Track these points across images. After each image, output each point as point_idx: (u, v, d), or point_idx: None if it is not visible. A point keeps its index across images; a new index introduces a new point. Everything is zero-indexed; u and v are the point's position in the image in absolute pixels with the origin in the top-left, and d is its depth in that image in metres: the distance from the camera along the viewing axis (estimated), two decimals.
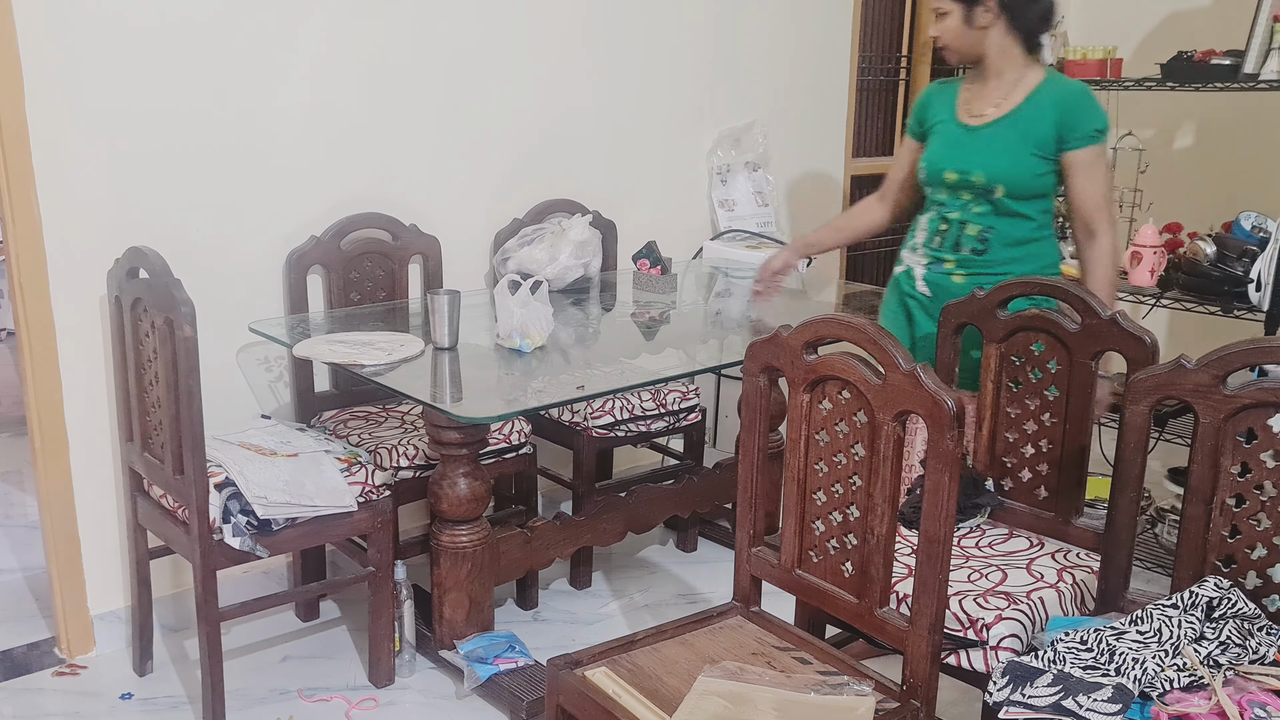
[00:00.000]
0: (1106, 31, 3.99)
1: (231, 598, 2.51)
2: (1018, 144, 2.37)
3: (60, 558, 2.60)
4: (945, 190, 2.47)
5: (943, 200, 2.49)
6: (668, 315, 3.03)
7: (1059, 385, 2.08)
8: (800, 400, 1.79)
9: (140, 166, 2.55)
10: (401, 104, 2.96)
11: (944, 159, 2.46)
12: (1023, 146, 2.36)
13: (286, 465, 2.31)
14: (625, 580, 3.11)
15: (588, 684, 1.71)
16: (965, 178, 2.42)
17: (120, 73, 2.48)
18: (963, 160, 2.42)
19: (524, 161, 3.26)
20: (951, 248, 2.46)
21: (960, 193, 2.44)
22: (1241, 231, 3.02)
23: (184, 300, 2.11)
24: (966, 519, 2.18)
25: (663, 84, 3.55)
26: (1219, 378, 1.65)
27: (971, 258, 2.44)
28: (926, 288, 2.51)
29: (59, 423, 2.53)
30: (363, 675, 2.59)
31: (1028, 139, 2.36)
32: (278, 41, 2.70)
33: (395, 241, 2.96)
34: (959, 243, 2.45)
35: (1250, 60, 3.06)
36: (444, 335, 2.51)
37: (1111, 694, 1.42)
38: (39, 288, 2.45)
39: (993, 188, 2.38)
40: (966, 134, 2.44)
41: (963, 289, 2.38)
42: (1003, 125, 2.39)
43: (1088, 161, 2.35)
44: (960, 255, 2.45)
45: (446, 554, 2.45)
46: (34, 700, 2.49)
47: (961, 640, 1.84)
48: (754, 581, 1.96)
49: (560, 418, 3.01)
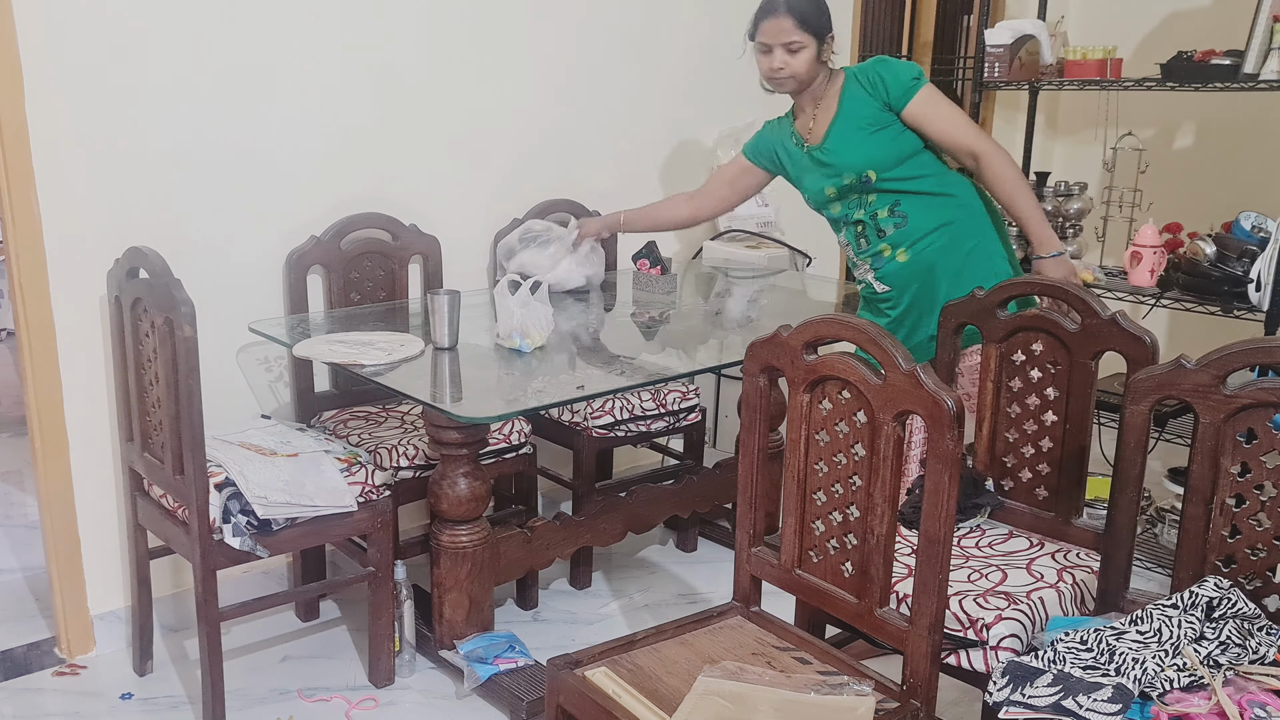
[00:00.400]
0: (1106, 31, 3.99)
1: (231, 598, 2.51)
2: (856, 132, 2.50)
3: (60, 558, 2.60)
4: (835, 204, 2.59)
5: (839, 214, 2.60)
6: (668, 315, 3.03)
7: (1059, 385, 2.08)
8: (800, 400, 1.79)
9: (140, 166, 2.55)
10: (402, 104, 2.96)
11: (815, 182, 2.59)
12: (860, 131, 2.49)
13: (286, 465, 2.31)
14: (625, 580, 3.11)
15: (588, 684, 1.71)
16: (840, 184, 2.54)
17: (120, 73, 2.48)
18: (828, 173, 2.55)
19: (524, 161, 3.26)
20: (876, 237, 2.55)
21: (847, 198, 2.56)
22: (1241, 231, 3.02)
23: (184, 300, 2.11)
24: (966, 519, 2.18)
25: (663, 84, 3.55)
26: (1219, 378, 1.65)
27: (899, 234, 2.53)
28: (882, 283, 2.59)
29: (59, 423, 2.53)
30: (363, 675, 2.59)
31: (860, 123, 2.49)
32: (278, 42, 2.70)
33: (395, 241, 2.96)
34: (880, 229, 2.54)
35: (1250, 60, 3.06)
36: (444, 335, 2.51)
37: (1111, 694, 1.42)
38: (39, 288, 2.45)
39: (864, 176, 2.49)
40: (817, 152, 2.57)
41: (913, 264, 2.52)
42: (837, 127, 2.53)
43: (923, 107, 2.46)
44: (889, 238, 2.54)
45: (446, 554, 2.45)
46: (34, 700, 2.49)
47: (961, 640, 1.84)
48: (754, 581, 1.96)
49: (560, 418, 3.01)
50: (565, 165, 3.35)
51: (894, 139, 2.49)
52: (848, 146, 2.51)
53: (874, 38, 4.32)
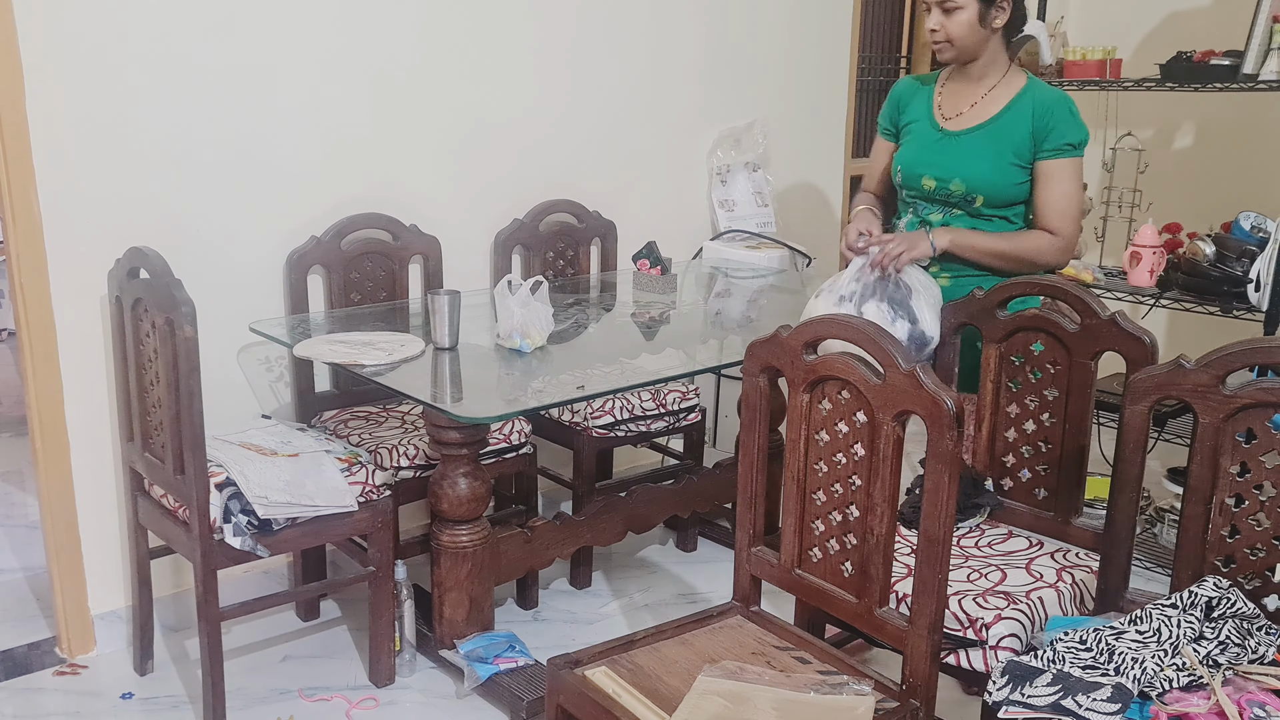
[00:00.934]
0: (1106, 31, 3.99)
1: (232, 597, 2.51)
2: (997, 153, 2.31)
3: (61, 557, 2.60)
4: (919, 194, 2.43)
5: (919, 203, 2.45)
6: (668, 315, 3.03)
7: (1058, 385, 2.08)
8: (800, 400, 1.79)
9: (140, 166, 2.55)
10: (402, 104, 2.96)
11: (922, 164, 2.40)
12: (1002, 155, 2.31)
13: (287, 465, 2.32)
14: (625, 580, 3.12)
15: (588, 684, 1.72)
16: (944, 185, 2.37)
17: (121, 73, 2.48)
18: (941, 167, 2.37)
19: (524, 161, 3.27)
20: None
21: (935, 198, 2.40)
22: (1241, 231, 3.03)
23: (184, 300, 2.12)
24: (966, 519, 2.18)
25: (663, 84, 3.56)
26: (1218, 378, 1.65)
27: (952, 262, 2.39)
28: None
29: (59, 423, 2.53)
30: (363, 675, 2.59)
31: (1007, 147, 2.31)
32: (278, 42, 2.70)
33: (395, 241, 2.96)
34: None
35: (1249, 60, 3.06)
36: (444, 335, 2.51)
37: (1111, 693, 1.42)
38: (39, 288, 2.45)
39: (972, 197, 2.35)
40: (944, 139, 2.38)
41: (947, 291, 2.35)
42: (982, 132, 2.34)
43: (1056, 172, 2.29)
44: (942, 257, 2.38)
45: (446, 554, 2.45)
46: (34, 700, 2.49)
47: (961, 640, 1.84)
48: (754, 581, 1.96)
49: (560, 418, 3.01)
50: (565, 165, 3.35)
51: (1021, 181, 2.33)
52: (981, 159, 2.31)
53: (874, 38, 4.32)
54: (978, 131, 2.34)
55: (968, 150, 2.34)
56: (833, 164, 4.15)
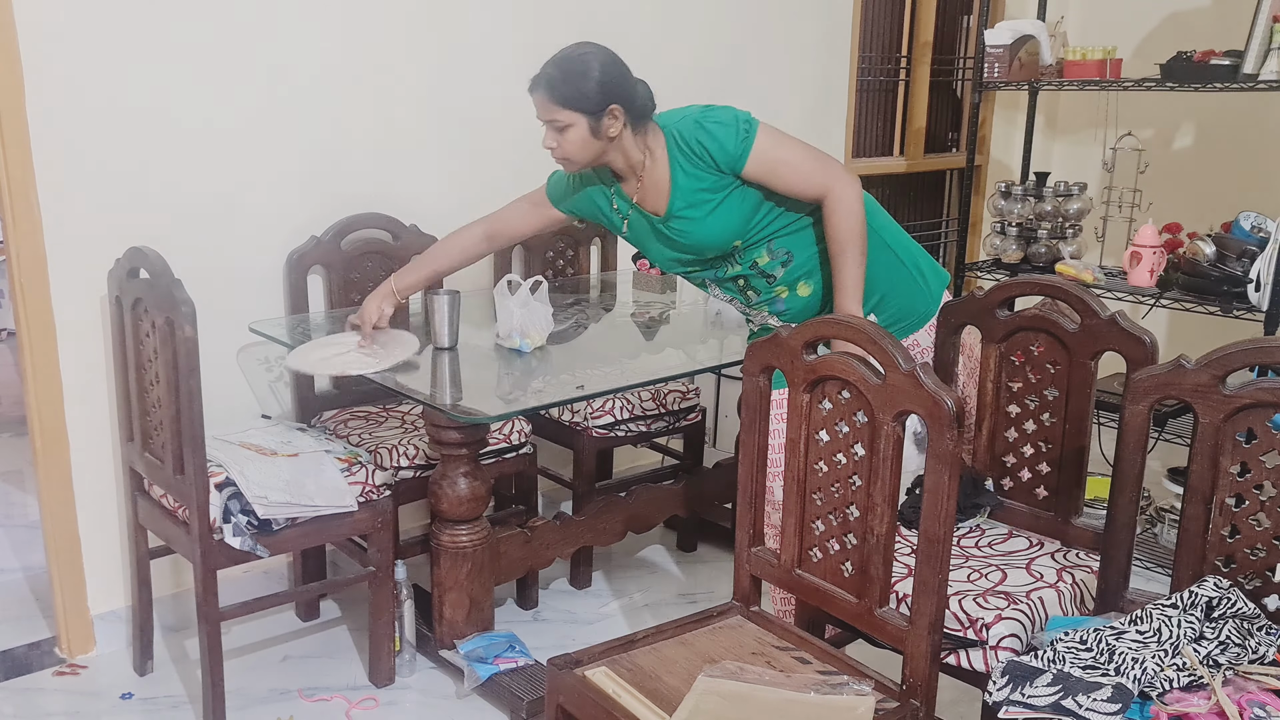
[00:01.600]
0: (1106, 31, 3.99)
1: (231, 598, 2.51)
2: (701, 207, 2.16)
3: (60, 557, 2.60)
4: (697, 270, 2.30)
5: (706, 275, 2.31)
6: (668, 315, 3.03)
7: (1058, 385, 2.08)
8: (800, 400, 1.79)
9: (140, 166, 2.55)
10: (402, 104, 2.96)
11: (665, 254, 2.27)
12: (705, 205, 2.16)
13: (287, 465, 2.31)
14: (625, 580, 3.12)
15: (588, 684, 1.71)
16: (702, 257, 2.24)
17: (120, 73, 2.48)
18: (682, 250, 2.24)
19: (524, 161, 3.25)
20: (766, 284, 2.26)
21: (711, 265, 2.27)
22: (1241, 231, 3.03)
23: (184, 300, 2.11)
24: (966, 519, 2.18)
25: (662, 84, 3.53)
26: (1218, 378, 1.65)
27: (790, 271, 2.24)
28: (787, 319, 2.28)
29: (59, 423, 2.53)
30: (363, 675, 2.59)
31: (701, 197, 2.16)
32: (278, 42, 2.70)
33: (395, 242, 2.96)
34: (767, 274, 2.24)
35: (1250, 60, 3.06)
36: (444, 335, 2.51)
37: (1111, 694, 1.42)
38: (39, 288, 2.45)
39: (728, 250, 2.22)
40: (663, 226, 2.22)
41: (816, 294, 2.25)
42: (676, 204, 2.18)
43: (763, 165, 2.13)
44: (781, 280, 2.25)
45: (446, 554, 2.45)
46: (34, 700, 2.49)
47: (961, 640, 1.84)
48: (754, 581, 1.96)
49: (560, 418, 3.01)
50: None
51: (742, 200, 2.17)
52: (699, 227, 2.18)
53: (874, 38, 4.32)
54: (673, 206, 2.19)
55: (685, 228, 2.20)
56: None
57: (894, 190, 4.63)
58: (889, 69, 4.45)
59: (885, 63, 4.43)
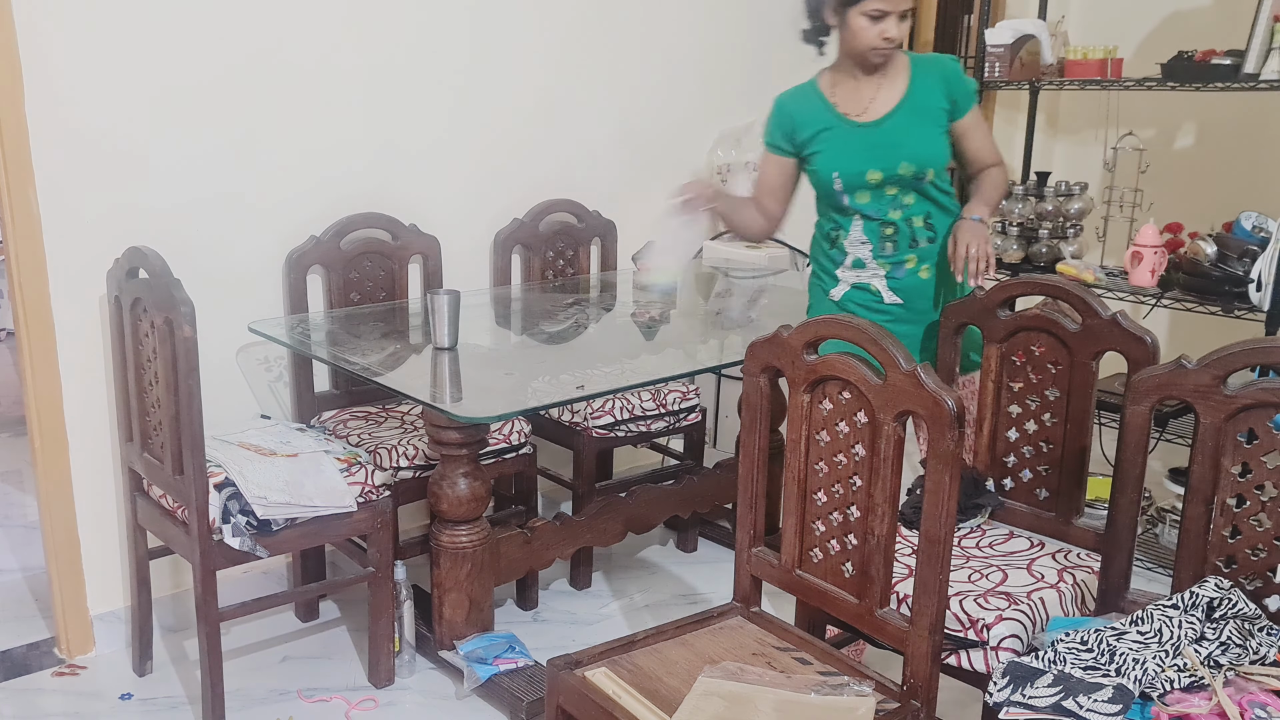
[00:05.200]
0: (1106, 31, 3.98)
1: (231, 598, 2.51)
2: (925, 124, 2.35)
3: (60, 558, 2.59)
4: (867, 192, 2.37)
5: (867, 204, 2.38)
6: (668, 315, 3.03)
7: (1059, 385, 2.08)
8: (800, 400, 1.79)
9: (140, 166, 2.54)
10: (402, 103, 2.95)
11: (858, 161, 2.35)
12: (930, 125, 2.35)
13: (286, 465, 2.31)
14: (625, 580, 3.11)
15: (588, 684, 1.71)
16: (891, 173, 2.33)
17: (120, 73, 2.48)
18: (880, 158, 2.33)
19: (524, 161, 3.26)
20: (909, 245, 2.37)
21: (885, 190, 2.36)
22: (1242, 231, 3.02)
23: (184, 300, 2.11)
24: (967, 519, 2.18)
25: (663, 84, 3.55)
26: (1220, 378, 1.64)
27: (928, 248, 2.38)
28: (896, 296, 2.40)
29: (59, 423, 2.53)
30: (362, 675, 2.59)
31: (928, 118, 2.35)
32: (278, 41, 2.70)
33: (395, 241, 2.96)
34: (914, 238, 2.37)
35: (1251, 60, 3.06)
36: (444, 335, 2.51)
37: (1112, 694, 1.42)
38: (39, 288, 2.45)
39: (923, 173, 2.34)
40: (869, 131, 2.35)
41: (929, 283, 2.39)
42: (904, 109, 2.35)
43: (975, 122, 2.42)
44: (918, 249, 2.38)
45: (446, 554, 2.45)
46: (34, 700, 2.49)
47: (962, 640, 1.84)
48: (754, 581, 1.96)
49: (560, 418, 3.00)
50: (565, 165, 3.35)
51: (948, 143, 2.38)
52: (916, 134, 2.33)
53: None
54: (898, 114, 2.35)
55: (898, 133, 2.34)
56: None
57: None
58: None
59: None
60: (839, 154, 2.38)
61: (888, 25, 2.28)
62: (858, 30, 2.29)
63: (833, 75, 2.42)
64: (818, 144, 2.40)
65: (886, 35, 2.29)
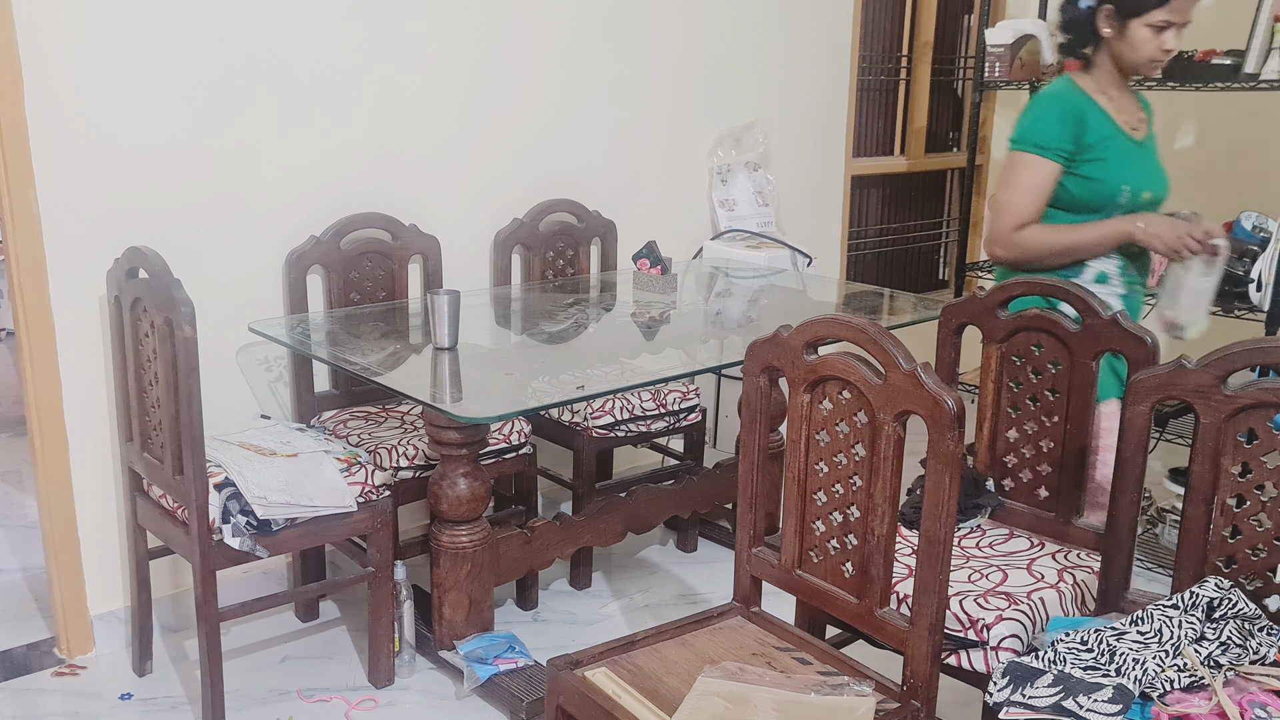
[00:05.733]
0: None
1: (231, 598, 2.51)
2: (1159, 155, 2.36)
3: (60, 558, 2.59)
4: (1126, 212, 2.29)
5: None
6: (668, 315, 3.03)
7: (1060, 385, 2.08)
8: (800, 400, 1.79)
9: (140, 166, 2.54)
10: (402, 104, 2.95)
11: (1141, 178, 2.29)
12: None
13: (286, 465, 2.31)
14: (625, 580, 3.11)
15: (588, 684, 1.71)
16: (1161, 197, 2.31)
17: (120, 73, 2.48)
18: (1155, 180, 2.32)
19: (524, 161, 3.26)
20: (1143, 270, 2.38)
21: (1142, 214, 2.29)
22: (1242, 231, 3.02)
23: (184, 300, 2.11)
24: (967, 519, 2.18)
25: (663, 84, 3.55)
26: (1220, 378, 1.64)
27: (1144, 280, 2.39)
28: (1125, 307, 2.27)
29: (59, 423, 2.53)
30: (362, 675, 2.59)
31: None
32: (278, 42, 2.70)
33: (395, 241, 2.96)
34: (1151, 267, 2.39)
35: (1251, 60, 3.06)
36: (444, 335, 2.50)
37: (1112, 694, 1.42)
38: (39, 288, 2.45)
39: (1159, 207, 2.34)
40: (1143, 149, 2.31)
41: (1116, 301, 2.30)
42: (1153, 136, 2.36)
43: None
44: (1143, 277, 2.38)
45: (446, 554, 2.45)
46: (34, 700, 2.49)
47: (962, 641, 1.84)
48: (754, 582, 1.96)
49: (560, 418, 3.00)
50: (565, 165, 3.35)
51: None
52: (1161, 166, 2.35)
53: (874, 37, 4.32)
54: (1152, 137, 2.34)
55: (1155, 158, 2.35)
56: (833, 164, 4.15)
57: (895, 190, 4.62)
58: (890, 68, 4.45)
59: (886, 62, 4.42)
60: (1126, 167, 2.29)
61: (1168, 37, 2.27)
62: (1139, 42, 2.26)
63: (1095, 83, 2.32)
64: (1102, 150, 2.28)
65: (1166, 48, 2.27)
